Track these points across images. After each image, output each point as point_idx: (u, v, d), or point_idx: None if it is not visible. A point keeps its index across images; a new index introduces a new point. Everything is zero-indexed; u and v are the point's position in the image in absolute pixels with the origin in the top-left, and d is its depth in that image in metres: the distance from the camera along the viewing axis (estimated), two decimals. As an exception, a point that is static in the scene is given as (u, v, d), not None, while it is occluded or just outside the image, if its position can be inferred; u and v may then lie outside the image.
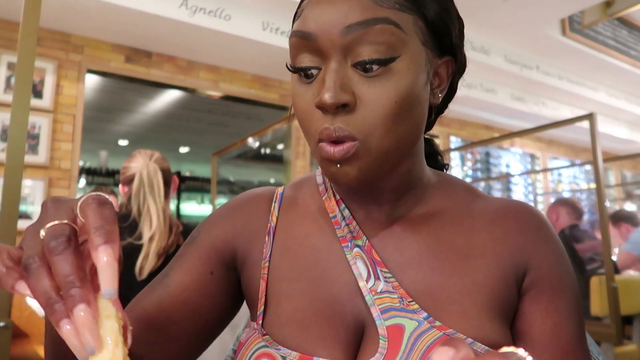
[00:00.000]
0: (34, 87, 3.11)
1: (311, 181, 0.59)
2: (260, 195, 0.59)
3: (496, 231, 0.51)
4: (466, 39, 3.25)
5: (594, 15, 4.15)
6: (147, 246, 1.47)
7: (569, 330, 0.48)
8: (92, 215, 0.34)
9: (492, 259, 0.49)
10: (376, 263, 0.49)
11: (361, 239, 0.51)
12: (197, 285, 0.53)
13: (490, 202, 0.54)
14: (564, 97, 5.17)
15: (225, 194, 6.25)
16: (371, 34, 0.43)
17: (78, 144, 3.28)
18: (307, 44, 0.45)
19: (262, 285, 0.52)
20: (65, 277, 0.32)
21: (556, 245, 0.51)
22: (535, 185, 6.22)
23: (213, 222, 0.57)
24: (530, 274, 0.49)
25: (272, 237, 0.54)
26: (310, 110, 0.45)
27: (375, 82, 0.43)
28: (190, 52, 3.64)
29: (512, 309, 0.49)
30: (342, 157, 0.43)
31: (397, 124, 0.44)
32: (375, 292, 0.48)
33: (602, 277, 2.27)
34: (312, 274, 0.51)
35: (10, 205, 1.08)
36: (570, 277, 0.50)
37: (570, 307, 0.49)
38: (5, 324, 1.07)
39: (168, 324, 0.52)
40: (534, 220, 0.52)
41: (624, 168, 7.33)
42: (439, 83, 0.50)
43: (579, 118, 2.20)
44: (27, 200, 3.04)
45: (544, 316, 0.48)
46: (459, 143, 5.40)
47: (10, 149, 1.09)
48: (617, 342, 1.99)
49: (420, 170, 0.53)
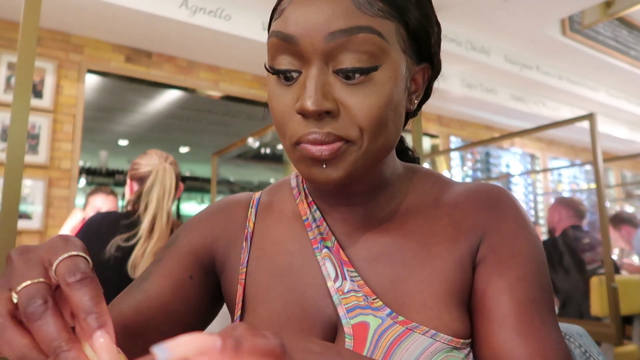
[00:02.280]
0: (34, 87, 3.11)
1: (286, 185, 0.59)
2: (238, 202, 0.60)
3: (456, 215, 0.51)
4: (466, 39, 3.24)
5: (594, 15, 4.15)
6: (145, 244, 1.47)
7: (514, 296, 0.45)
8: (75, 284, 0.32)
9: (450, 244, 0.49)
10: (343, 263, 0.50)
11: (330, 239, 0.52)
12: (175, 289, 0.53)
13: (458, 188, 0.54)
14: (564, 97, 5.17)
15: (225, 194, 6.25)
16: (354, 43, 0.42)
17: (78, 144, 3.28)
18: (287, 46, 0.44)
19: (240, 290, 0.53)
20: (51, 342, 0.30)
21: (513, 214, 0.49)
22: (535, 185, 6.22)
23: (192, 227, 0.58)
24: (482, 247, 0.49)
25: (250, 243, 0.55)
26: (289, 113, 0.45)
27: (357, 89, 0.43)
28: (190, 52, 3.64)
29: (469, 290, 0.48)
30: (330, 156, 0.44)
31: (381, 129, 0.45)
32: (342, 292, 0.48)
33: (602, 277, 2.27)
34: (287, 279, 0.51)
35: (10, 205, 1.08)
36: (528, 244, 0.48)
37: (521, 274, 0.46)
38: (5, 324, 1.07)
39: (146, 328, 0.51)
40: (492, 197, 0.51)
41: (624, 168, 7.33)
42: (415, 89, 0.51)
43: (579, 118, 2.20)
44: (27, 200, 3.04)
45: (485, 285, 0.47)
46: (459, 143, 5.40)
47: (10, 149, 1.09)
48: (617, 342, 1.99)
49: (392, 168, 0.53)
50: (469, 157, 5.68)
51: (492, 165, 5.82)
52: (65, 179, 3.21)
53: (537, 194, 6.04)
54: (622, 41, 4.87)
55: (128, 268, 1.45)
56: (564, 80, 4.89)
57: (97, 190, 2.48)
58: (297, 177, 0.59)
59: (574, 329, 0.60)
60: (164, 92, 4.66)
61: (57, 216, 3.15)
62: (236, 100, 4.12)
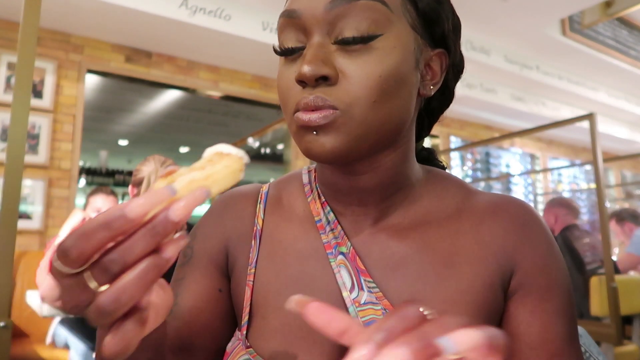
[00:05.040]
0: (34, 87, 3.11)
1: (297, 180, 0.56)
2: (245, 196, 0.57)
3: (483, 232, 0.49)
4: (466, 39, 3.22)
5: (594, 15, 4.15)
6: None
7: (559, 332, 0.46)
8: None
9: (478, 265, 0.47)
10: (360, 272, 0.47)
11: (345, 245, 0.49)
12: (209, 306, 0.52)
13: (481, 199, 0.51)
14: (564, 97, 5.17)
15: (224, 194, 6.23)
16: (355, 9, 0.42)
17: (78, 144, 3.28)
18: (292, 22, 0.44)
19: (247, 292, 0.51)
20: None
21: (545, 242, 0.48)
22: (535, 185, 6.22)
23: (204, 233, 0.56)
24: (517, 275, 0.47)
25: (259, 242, 0.53)
26: (290, 85, 0.44)
27: (358, 57, 0.42)
28: (190, 52, 3.64)
29: (498, 315, 0.47)
30: (319, 123, 0.42)
31: (382, 99, 0.43)
32: (359, 303, 0.46)
33: (602, 277, 2.27)
34: (298, 285, 0.49)
35: (10, 205, 1.08)
36: (561, 275, 0.48)
37: (560, 307, 0.46)
38: (5, 324, 1.07)
39: (193, 348, 0.51)
40: (521, 217, 0.49)
41: (624, 168, 7.32)
42: (432, 76, 0.49)
43: (579, 118, 2.20)
44: (27, 200, 3.04)
45: (531, 318, 0.46)
46: (459, 143, 5.40)
47: (10, 149, 1.09)
48: (617, 342, 1.99)
49: (409, 168, 0.50)
50: (469, 157, 5.68)
51: (492, 165, 5.82)
52: (65, 179, 3.21)
53: (537, 194, 6.04)
54: (622, 41, 4.87)
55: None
56: (564, 80, 4.89)
57: (98, 191, 2.48)
58: (309, 172, 0.56)
59: (573, 329, 0.60)
60: (164, 92, 4.66)
61: (57, 216, 3.15)
62: (236, 100, 4.12)
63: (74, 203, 3.22)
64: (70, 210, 3.17)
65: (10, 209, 1.07)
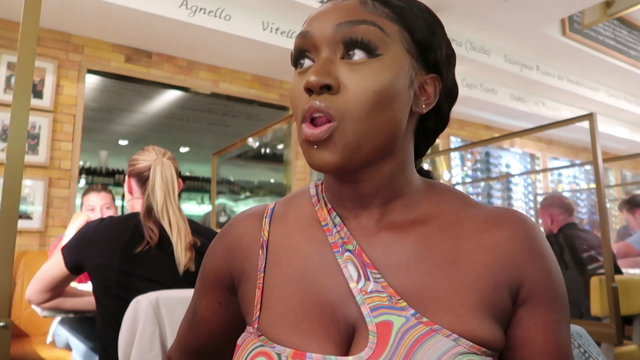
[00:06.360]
0: (34, 87, 3.11)
1: (304, 194, 0.61)
2: (251, 215, 0.62)
3: (487, 240, 0.51)
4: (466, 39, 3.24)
5: (594, 15, 4.15)
6: (175, 243, 1.45)
7: (564, 339, 0.51)
8: None
9: (482, 267, 0.50)
10: (366, 265, 0.51)
11: (352, 243, 0.53)
12: (214, 316, 0.63)
13: (481, 210, 0.54)
14: (564, 97, 5.17)
15: (225, 194, 6.25)
16: (358, 31, 0.49)
17: (78, 144, 3.28)
18: (306, 41, 0.52)
19: (258, 293, 0.55)
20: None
21: (550, 256, 0.52)
22: (535, 185, 6.22)
23: (213, 253, 0.63)
24: (526, 286, 0.50)
25: (266, 250, 0.57)
26: (300, 94, 0.51)
27: (358, 70, 0.49)
28: (190, 52, 3.64)
29: (504, 314, 0.49)
30: (319, 138, 0.48)
31: (375, 112, 0.48)
32: (366, 292, 0.49)
33: (602, 277, 2.26)
34: (303, 279, 0.53)
35: (10, 205, 1.07)
36: (562, 287, 0.52)
37: (563, 317, 0.51)
38: (5, 324, 1.07)
39: (211, 352, 0.66)
40: (524, 230, 0.52)
41: (624, 168, 7.33)
42: (426, 97, 0.54)
43: (579, 118, 2.20)
44: (27, 200, 3.04)
45: (545, 327, 0.50)
46: (459, 143, 5.40)
47: (10, 149, 1.09)
48: (617, 342, 1.99)
49: (407, 177, 0.54)
50: (469, 157, 5.68)
51: (492, 165, 5.82)
52: (65, 179, 3.21)
53: (537, 194, 6.04)
54: (622, 41, 4.87)
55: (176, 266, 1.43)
56: (564, 80, 4.89)
57: (89, 190, 2.50)
58: (316, 186, 0.61)
59: (573, 329, 0.61)
60: (164, 92, 4.66)
61: (57, 216, 3.15)
62: (236, 100, 4.12)
63: (74, 203, 3.22)
64: (70, 210, 3.17)
65: (10, 209, 1.07)
